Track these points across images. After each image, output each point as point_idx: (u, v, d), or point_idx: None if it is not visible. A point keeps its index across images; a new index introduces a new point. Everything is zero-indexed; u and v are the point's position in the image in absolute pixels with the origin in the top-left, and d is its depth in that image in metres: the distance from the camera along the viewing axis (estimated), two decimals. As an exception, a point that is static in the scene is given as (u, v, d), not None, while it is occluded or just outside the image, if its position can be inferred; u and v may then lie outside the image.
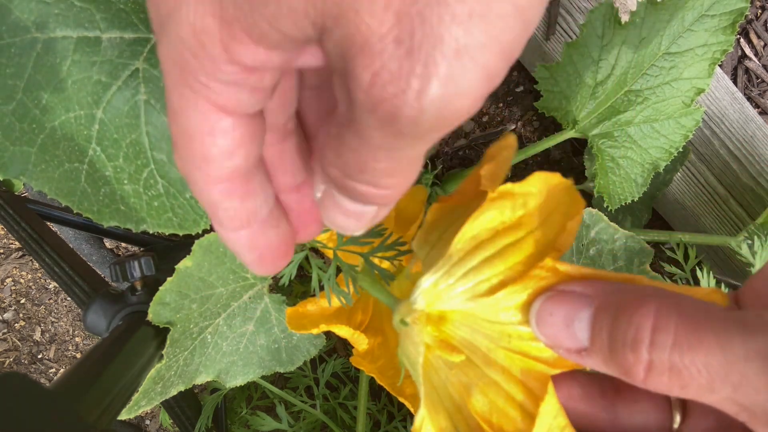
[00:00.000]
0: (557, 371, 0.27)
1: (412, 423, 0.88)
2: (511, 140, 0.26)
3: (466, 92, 0.17)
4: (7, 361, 1.29)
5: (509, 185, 0.25)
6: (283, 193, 0.27)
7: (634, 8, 0.74)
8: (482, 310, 0.27)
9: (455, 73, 0.16)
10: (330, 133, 0.21)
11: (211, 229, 0.51)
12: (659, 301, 0.21)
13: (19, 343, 1.30)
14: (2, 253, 1.30)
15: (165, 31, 0.20)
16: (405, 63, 0.16)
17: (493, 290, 0.26)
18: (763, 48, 1.09)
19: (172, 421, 0.85)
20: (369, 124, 0.18)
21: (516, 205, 0.25)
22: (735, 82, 1.08)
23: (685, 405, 0.28)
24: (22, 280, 1.30)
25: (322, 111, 0.27)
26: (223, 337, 0.61)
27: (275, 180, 0.27)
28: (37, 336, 1.30)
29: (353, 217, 0.24)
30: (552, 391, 0.26)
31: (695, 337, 0.20)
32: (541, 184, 0.25)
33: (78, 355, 1.31)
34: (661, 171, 0.77)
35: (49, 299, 1.30)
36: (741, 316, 0.20)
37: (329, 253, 0.52)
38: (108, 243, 1.20)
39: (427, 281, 0.26)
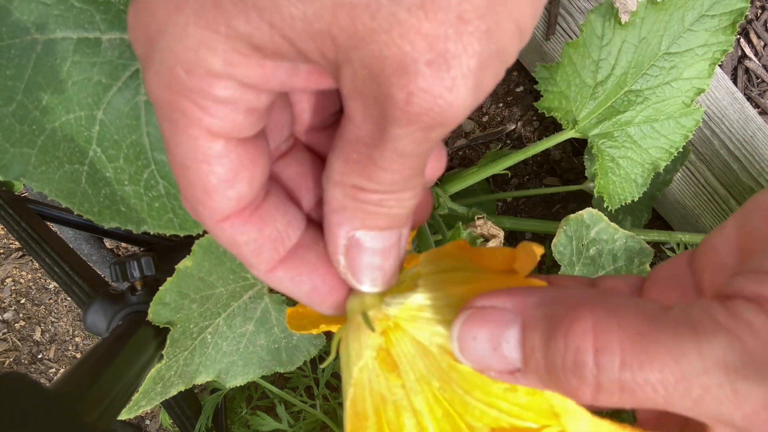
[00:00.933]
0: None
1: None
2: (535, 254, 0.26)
3: (485, 94, 0.19)
4: (7, 361, 1.29)
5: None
6: (313, 211, 0.26)
7: (634, 8, 0.74)
8: (443, 360, 0.25)
9: (480, 81, 0.19)
10: (350, 159, 0.21)
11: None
12: (595, 314, 0.19)
13: (19, 343, 1.30)
14: (2, 253, 1.30)
15: (155, 50, 0.19)
16: (439, 83, 0.18)
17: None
18: (763, 48, 1.09)
19: (172, 421, 0.85)
20: (404, 136, 0.19)
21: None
22: (735, 82, 1.08)
23: None
24: (22, 280, 1.30)
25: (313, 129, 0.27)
26: (223, 337, 0.62)
27: (301, 202, 0.26)
28: (37, 336, 1.30)
29: (389, 257, 0.24)
30: None
31: (644, 354, 0.18)
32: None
33: (78, 355, 1.31)
34: (661, 171, 0.77)
35: (49, 299, 1.30)
36: (687, 318, 0.18)
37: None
38: (108, 243, 1.20)
39: (416, 298, 0.25)
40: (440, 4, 0.17)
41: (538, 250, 0.24)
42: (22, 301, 1.30)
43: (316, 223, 0.26)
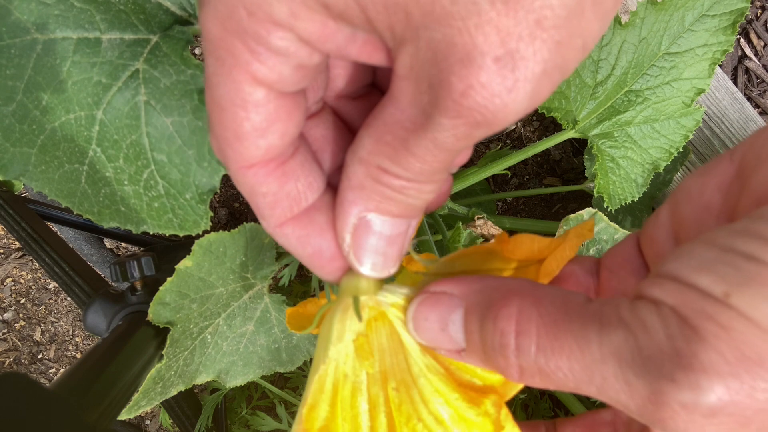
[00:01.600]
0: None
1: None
2: (588, 230, 0.28)
3: (537, 104, 0.19)
4: (7, 361, 1.29)
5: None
6: (331, 177, 0.26)
7: (634, 8, 0.74)
8: (414, 364, 0.26)
9: (538, 90, 0.18)
10: (383, 140, 0.21)
11: (212, 230, 0.51)
12: (521, 301, 0.21)
13: (19, 343, 1.30)
14: (2, 253, 1.30)
15: None
16: (500, 81, 0.18)
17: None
18: (763, 48, 1.09)
19: (172, 421, 0.85)
20: (448, 129, 0.19)
21: None
22: (735, 82, 1.08)
23: None
24: (22, 280, 1.30)
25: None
26: (223, 337, 0.61)
27: (321, 165, 0.26)
28: (37, 336, 1.30)
29: (394, 245, 0.24)
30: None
31: (556, 341, 0.20)
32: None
33: (78, 355, 1.31)
34: (661, 171, 0.77)
35: (49, 299, 1.30)
36: (598, 312, 0.20)
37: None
38: (108, 243, 1.20)
39: (409, 293, 0.26)
40: (523, 3, 0.17)
41: (589, 231, 0.26)
42: (22, 301, 1.30)
43: (333, 189, 0.26)
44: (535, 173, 1.18)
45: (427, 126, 0.19)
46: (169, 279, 0.55)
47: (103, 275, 0.80)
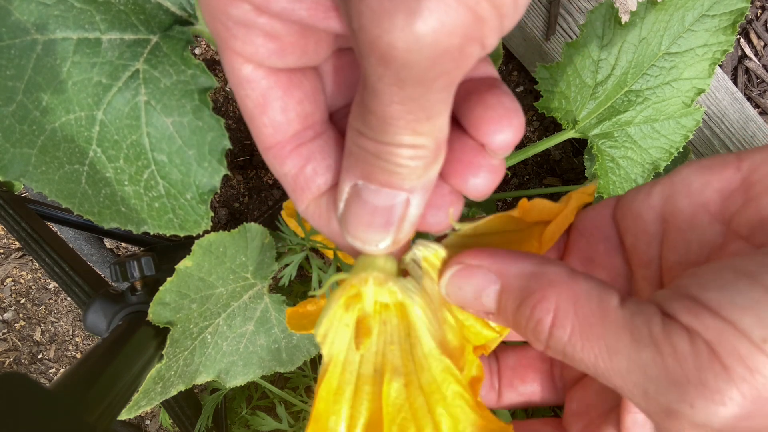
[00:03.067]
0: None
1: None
2: (589, 194, 0.29)
3: (454, 30, 0.17)
4: (7, 361, 1.29)
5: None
6: None
7: (634, 8, 0.74)
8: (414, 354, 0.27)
9: (439, 8, 0.17)
10: (356, 101, 0.21)
11: (212, 230, 0.51)
12: (559, 296, 0.23)
13: (19, 343, 1.30)
14: (2, 253, 1.30)
15: None
16: (386, 1, 0.17)
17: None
18: (763, 48, 1.09)
19: (172, 421, 0.85)
20: (371, 72, 0.19)
21: None
22: (735, 82, 1.08)
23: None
24: (22, 280, 1.30)
25: None
26: (223, 337, 0.61)
27: None
28: (37, 336, 1.30)
29: (381, 217, 0.23)
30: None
31: (588, 341, 0.22)
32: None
33: (78, 355, 1.31)
34: (662, 171, 0.77)
35: (49, 299, 1.30)
36: (630, 323, 0.21)
37: (329, 254, 0.52)
38: (108, 243, 1.20)
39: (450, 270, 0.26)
40: None
41: (589, 195, 0.28)
42: (22, 301, 1.30)
43: None
44: (535, 173, 1.18)
45: (363, 74, 0.19)
46: (169, 279, 0.55)
47: (103, 275, 0.80)
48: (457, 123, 0.25)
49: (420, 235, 0.29)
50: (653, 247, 0.28)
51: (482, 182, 0.25)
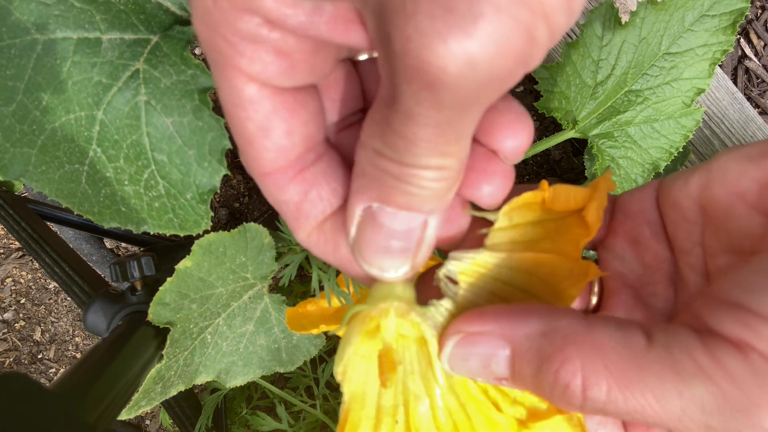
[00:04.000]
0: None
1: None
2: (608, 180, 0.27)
3: (508, 52, 0.16)
4: (7, 361, 1.29)
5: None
6: None
7: (634, 8, 0.74)
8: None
9: (496, 30, 0.16)
10: (374, 119, 0.20)
11: (212, 230, 0.51)
12: (581, 353, 0.20)
13: (19, 343, 1.30)
14: (2, 253, 1.30)
15: None
16: (439, 23, 0.15)
17: None
18: (763, 48, 1.09)
19: (172, 421, 0.85)
20: (410, 96, 0.17)
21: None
22: (735, 82, 1.08)
23: (601, 287, 0.30)
24: (22, 280, 1.30)
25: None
26: (223, 337, 0.61)
27: None
28: (37, 336, 1.30)
29: (399, 242, 0.22)
30: None
31: (630, 393, 0.20)
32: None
33: (78, 355, 1.31)
34: (661, 171, 0.77)
35: (49, 299, 1.30)
36: (670, 360, 0.19)
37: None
38: (108, 243, 1.20)
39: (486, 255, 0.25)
40: None
41: (610, 181, 0.26)
42: (22, 301, 1.30)
43: None
44: (535, 173, 1.18)
45: (396, 95, 0.18)
46: (169, 279, 0.55)
47: (103, 275, 0.80)
48: None
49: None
50: (694, 234, 0.27)
51: (497, 189, 0.24)
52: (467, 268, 0.25)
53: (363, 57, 0.26)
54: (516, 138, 0.23)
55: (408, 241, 0.22)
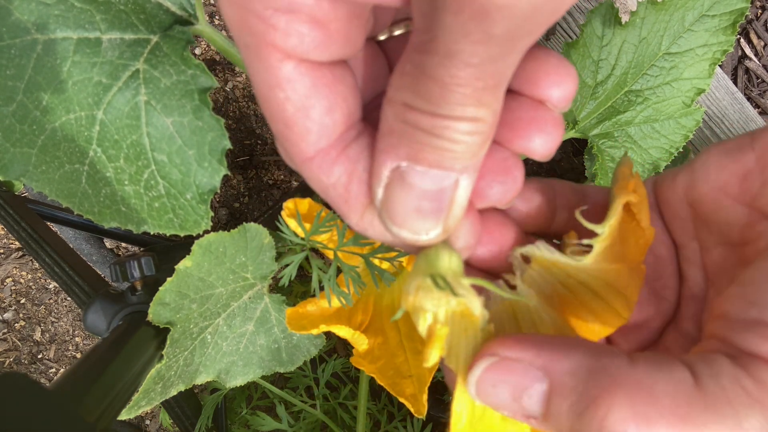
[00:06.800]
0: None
1: (411, 423, 0.88)
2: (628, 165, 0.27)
3: None
4: (7, 361, 1.29)
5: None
6: None
7: (634, 8, 0.74)
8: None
9: None
10: (404, 71, 0.19)
11: (212, 230, 0.51)
12: (630, 399, 0.19)
13: (19, 343, 1.30)
14: (2, 253, 1.30)
15: None
16: None
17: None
18: (763, 48, 1.09)
19: (172, 421, 0.85)
20: (455, 29, 0.16)
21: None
22: (735, 82, 1.08)
23: None
24: (22, 280, 1.30)
25: None
26: (223, 337, 0.61)
27: None
28: (37, 336, 1.30)
29: (430, 202, 0.21)
30: None
31: None
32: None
33: (78, 355, 1.31)
34: (661, 171, 0.77)
35: (49, 299, 1.30)
36: (725, 395, 0.19)
37: (329, 254, 0.52)
38: (108, 243, 1.20)
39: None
40: None
41: (628, 166, 0.26)
42: (22, 301, 1.30)
43: None
44: (535, 173, 1.18)
45: (434, 34, 0.17)
46: (168, 279, 0.55)
47: (103, 275, 0.80)
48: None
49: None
50: (688, 230, 0.27)
51: (548, 138, 0.23)
52: (546, 259, 0.25)
53: (383, 36, 0.25)
54: (564, 83, 0.22)
55: (440, 202, 0.21)
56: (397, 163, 0.20)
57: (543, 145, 0.23)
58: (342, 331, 0.54)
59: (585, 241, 0.25)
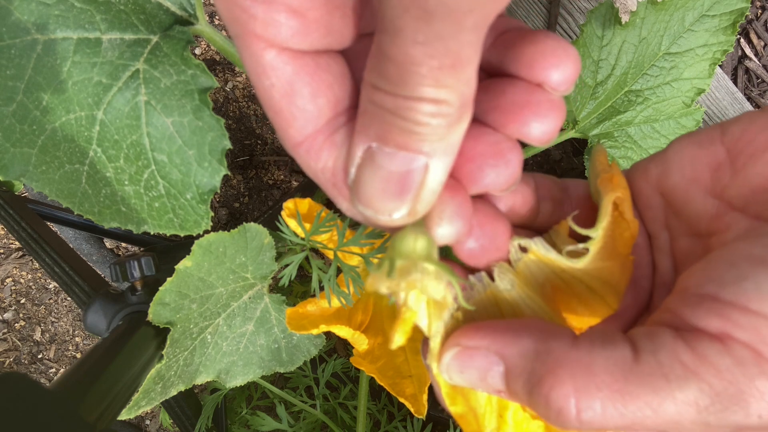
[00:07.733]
0: None
1: (411, 423, 0.87)
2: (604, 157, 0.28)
3: None
4: (7, 361, 1.29)
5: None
6: None
7: (634, 8, 0.74)
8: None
9: None
10: (371, 52, 0.19)
11: (212, 230, 0.51)
12: (572, 377, 0.21)
13: (19, 343, 1.30)
14: (2, 253, 1.30)
15: None
16: None
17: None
18: (763, 48, 1.09)
19: (172, 421, 0.85)
20: (396, 5, 0.16)
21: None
22: (735, 82, 1.08)
23: None
24: (22, 280, 1.30)
25: None
26: (223, 337, 0.61)
27: None
28: (37, 336, 1.30)
29: (396, 184, 0.21)
30: None
31: (624, 407, 0.20)
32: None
33: (78, 355, 1.31)
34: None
35: (49, 299, 1.30)
36: (660, 369, 0.20)
37: (329, 254, 0.52)
38: (108, 243, 1.20)
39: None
40: None
41: (603, 154, 0.27)
42: (22, 301, 1.30)
43: None
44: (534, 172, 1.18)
45: (384, 14, 0.17)
46: (168, 279, 0.55)
47: (103, 275, 0.80)
48: (502, 74, 0.23)
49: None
50: (659, 220, 0.28)
51: (546, 122, 0.22)
52: (542, 255, 0.26)
53: None
54: (562, 65, 0.22)
55: (406, 184, 0.21)
56: (368, 144, 0.21)
57: (539, 129, 0.22)
58: (342, 331, 0.54)
59: (581, 246, 0.26)
